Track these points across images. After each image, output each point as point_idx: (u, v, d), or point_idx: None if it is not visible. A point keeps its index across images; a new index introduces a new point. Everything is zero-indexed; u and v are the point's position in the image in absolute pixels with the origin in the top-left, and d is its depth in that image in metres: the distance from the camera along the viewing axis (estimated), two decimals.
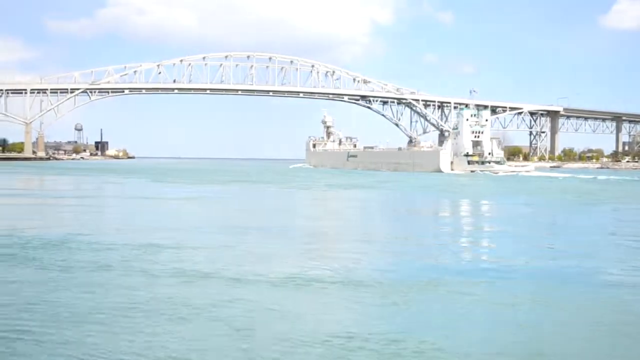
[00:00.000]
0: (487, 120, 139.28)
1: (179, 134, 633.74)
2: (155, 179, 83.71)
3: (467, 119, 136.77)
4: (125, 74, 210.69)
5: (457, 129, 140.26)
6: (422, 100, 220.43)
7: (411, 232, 27.86)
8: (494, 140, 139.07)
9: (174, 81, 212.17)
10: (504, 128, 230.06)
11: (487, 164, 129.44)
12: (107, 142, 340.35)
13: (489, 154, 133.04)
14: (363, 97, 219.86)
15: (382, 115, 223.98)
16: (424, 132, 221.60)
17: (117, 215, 33.71)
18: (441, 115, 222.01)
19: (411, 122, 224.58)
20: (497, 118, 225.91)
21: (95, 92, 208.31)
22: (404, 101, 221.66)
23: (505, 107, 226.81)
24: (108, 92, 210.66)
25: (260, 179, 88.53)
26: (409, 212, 39.91)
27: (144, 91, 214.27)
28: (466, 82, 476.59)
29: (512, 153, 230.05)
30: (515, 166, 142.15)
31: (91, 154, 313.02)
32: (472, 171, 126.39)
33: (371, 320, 12.82)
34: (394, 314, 13.32)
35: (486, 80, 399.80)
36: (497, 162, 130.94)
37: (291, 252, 21.04)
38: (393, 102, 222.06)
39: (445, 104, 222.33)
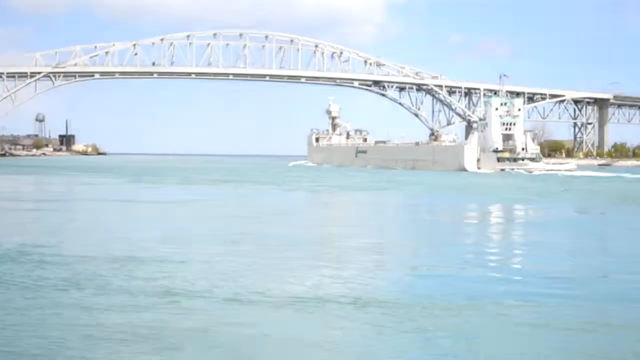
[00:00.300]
0: (519, 109, 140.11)
1: (159, 126, 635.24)
2: (134, 179, 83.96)
3: (496, 109, 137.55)
4: (96, 55, 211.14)
5: (484, 120, 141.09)
6: (446, 86, 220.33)
7: (436, 243, 27.72)
8: (528, 134, 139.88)
9: (153, 64, 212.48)
10: (543, 119, 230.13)
11: (520, 162, 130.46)
12: (73, 136, 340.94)
13: (522, 149, 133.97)
14: (376, 82, 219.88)
15: (399, 103, 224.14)
16: (449, 123, 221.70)
17: (90, 223, 33.63)
18: (469, 103, 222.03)
19: (433, 111, 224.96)
20: (535, 107, 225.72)
21: (59, 76, 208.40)
22: (424, 87, 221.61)
23: (545, 95, 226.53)
24: (75, 77, 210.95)
25: (252, 179, 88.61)
26: (432, 219, 39.76)
27: (117, 75, 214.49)
28: (498, 66, 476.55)
29: (553, 148, 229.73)
30: (554, 164, 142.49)
31: (55, 150, 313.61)
32: (501, 170, 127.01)
33: (397, 350, 12.62)
34: (424, 342, 13.12)
35: (522, 64, 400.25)
36: (532, 159, 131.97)
37: (297, 266, 20.92)
38: (412, 88, 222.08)
39: (473, 91, 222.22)
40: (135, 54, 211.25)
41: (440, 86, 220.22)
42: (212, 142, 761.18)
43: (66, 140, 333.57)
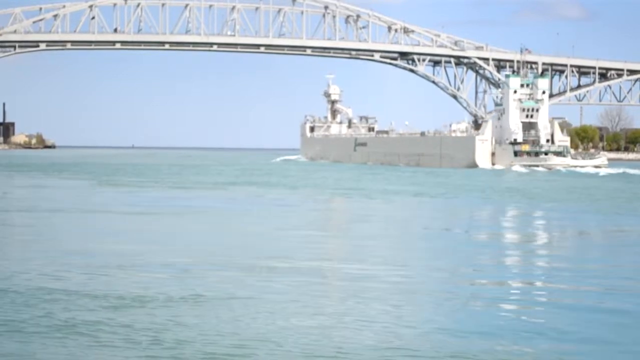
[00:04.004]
0: (544, 92, 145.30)
1: (121, 111, 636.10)
2: (103, 181, 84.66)
3: (515, 91, 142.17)
4: (41, 20, 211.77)
5: (501, 105, 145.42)
6: (494, 60, 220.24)
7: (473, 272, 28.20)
8: (556, 122, 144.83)
9: (115, 30, 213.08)
10: (619, 101, 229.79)
11: (542, 156, 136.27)
12: (12, 124, 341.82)
13: (547, 141, 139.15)
14: (403, 54, 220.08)
15: (433, 82, 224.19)
16: (497, 105, 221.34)
17: (49, 242, 33.78)
18: None
19: (476, 92, 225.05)
20: (609, 87, 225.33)
21: None
22: (465, 61, 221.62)
23: (622, 70, 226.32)
24: (14, 47, 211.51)
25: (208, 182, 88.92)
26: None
27: (68, 45, 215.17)
28: (564, 31, 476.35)
29: (632, 139, 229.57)
30: (584, 158, 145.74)
31: None
32: (524, 165, 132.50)
33: None
34: None
35: (597, 29, 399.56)
36: (558, 153, 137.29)
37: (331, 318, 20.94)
38: (449, 62, 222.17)
39: (529, 65, 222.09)
40: (92, 18, 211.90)
41: (486, 59, 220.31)
42: (185, 132, 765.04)
43: (3, 130, 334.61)
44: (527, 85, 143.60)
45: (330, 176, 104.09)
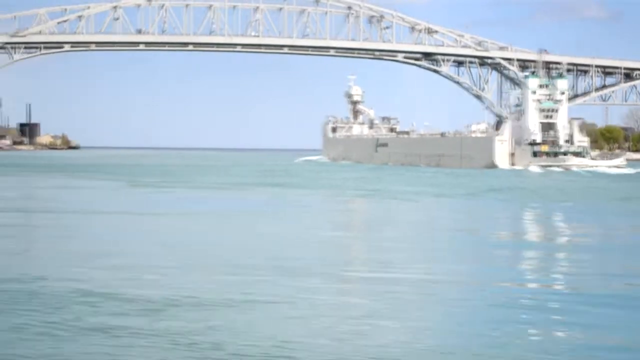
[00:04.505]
0: (563, 93, 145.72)
1: (145, 112, 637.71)
2: (133, 182, 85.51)
3: (534, 92, 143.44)
4: (65, 21, 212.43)
5: (520, 106, 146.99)
6: (518, 60, 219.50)
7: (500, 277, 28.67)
8: (575, 123, 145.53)
9: (139, 32, 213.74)
10: None
11: (561, 156, 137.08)
12: (37, 125, 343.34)
13: (566, 141, 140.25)
14: (427, 55, 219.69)
15: (457, 82, 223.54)
16: (517, 106, 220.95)
17: (80, 244, 34.54)
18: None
19: (501, 92, 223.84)
20: (635, 87, 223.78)
21: (20, 48, 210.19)
22: (489, 61, 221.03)
23: None
24: (40, 49, 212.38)
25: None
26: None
27: (93, 46, 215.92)
28: (587, 31, 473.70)
29: None
30: (604, 159, 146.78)
31: (14, 142, 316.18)
32: (541, 166, 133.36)
33: None
34: None
35: (620, 29, 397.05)
36: (577, 154, 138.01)
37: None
38: (473, 62, 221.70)
39: (553, 66, 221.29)
40: (116, 19, 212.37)
41: (510, 60, 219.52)
42: (207, 133, 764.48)
43: (29, 131, 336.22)
44: (546, 85, 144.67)
45: (351, 177, 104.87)
